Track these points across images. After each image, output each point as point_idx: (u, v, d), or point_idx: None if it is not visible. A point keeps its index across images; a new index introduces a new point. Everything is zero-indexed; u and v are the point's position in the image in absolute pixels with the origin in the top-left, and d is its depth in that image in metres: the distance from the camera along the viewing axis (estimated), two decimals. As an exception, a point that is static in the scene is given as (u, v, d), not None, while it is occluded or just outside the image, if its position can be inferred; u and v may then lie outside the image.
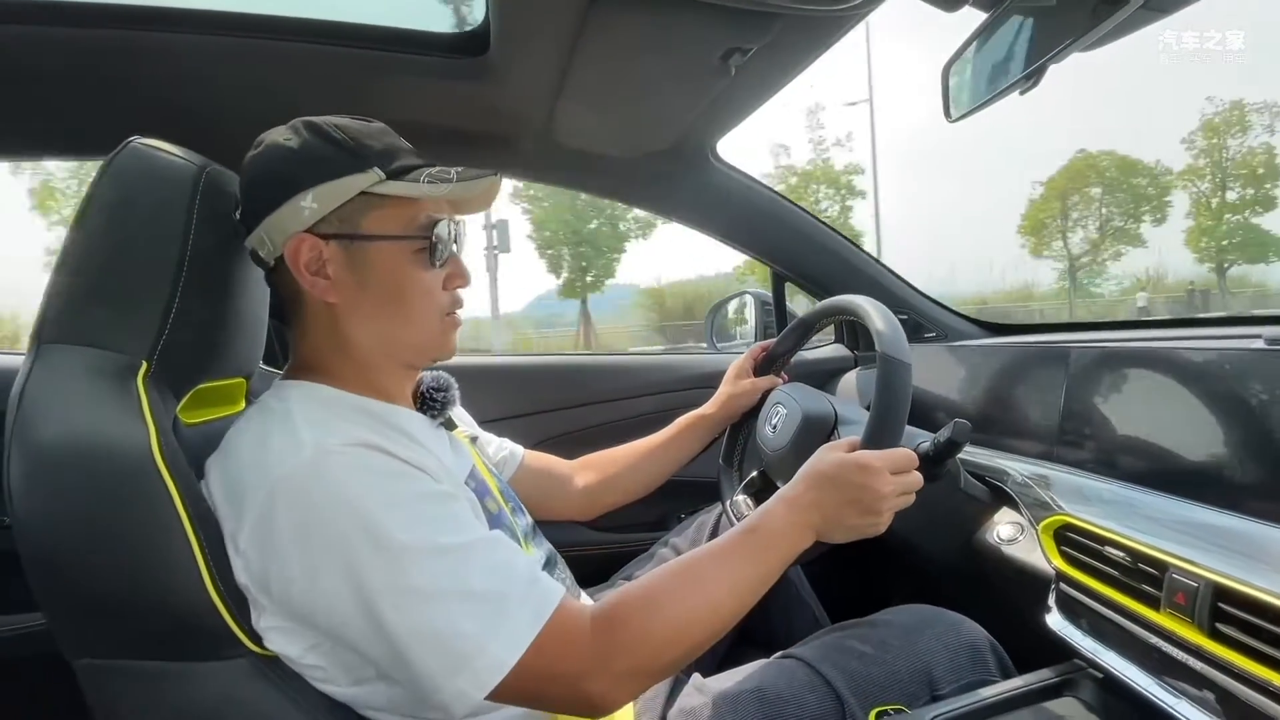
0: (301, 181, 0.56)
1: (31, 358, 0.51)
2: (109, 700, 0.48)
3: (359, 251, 0.58)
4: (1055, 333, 1.16)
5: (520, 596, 0.50)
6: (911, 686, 0.66)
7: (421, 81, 0.91)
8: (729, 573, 0.57)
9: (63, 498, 0.46)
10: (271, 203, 0.56)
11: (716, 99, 0.92)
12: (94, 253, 0.53)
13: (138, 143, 0.56)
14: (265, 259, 0.58)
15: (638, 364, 1.38)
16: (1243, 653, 0.49)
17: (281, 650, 0.51)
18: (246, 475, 0.50)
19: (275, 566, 0.48)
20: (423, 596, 0.47)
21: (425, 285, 0.61)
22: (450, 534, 0.50)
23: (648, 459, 0.94)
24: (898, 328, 0.71)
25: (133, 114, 0.90)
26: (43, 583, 0.46)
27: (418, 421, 0.64)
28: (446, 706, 0.48)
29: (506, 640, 0.48)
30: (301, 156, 0.57)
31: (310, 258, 0.57)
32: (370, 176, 0.57)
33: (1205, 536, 0.57)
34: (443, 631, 0.47)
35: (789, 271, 1.38)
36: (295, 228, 0.56)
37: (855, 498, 0.61)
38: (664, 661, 0.53)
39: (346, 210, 0.57)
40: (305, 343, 0.61)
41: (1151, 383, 0.75)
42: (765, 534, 0.60)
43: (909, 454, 0.65)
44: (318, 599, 0.48)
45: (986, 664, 0.69)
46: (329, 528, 0.47)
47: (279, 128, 0.60)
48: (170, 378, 0.55)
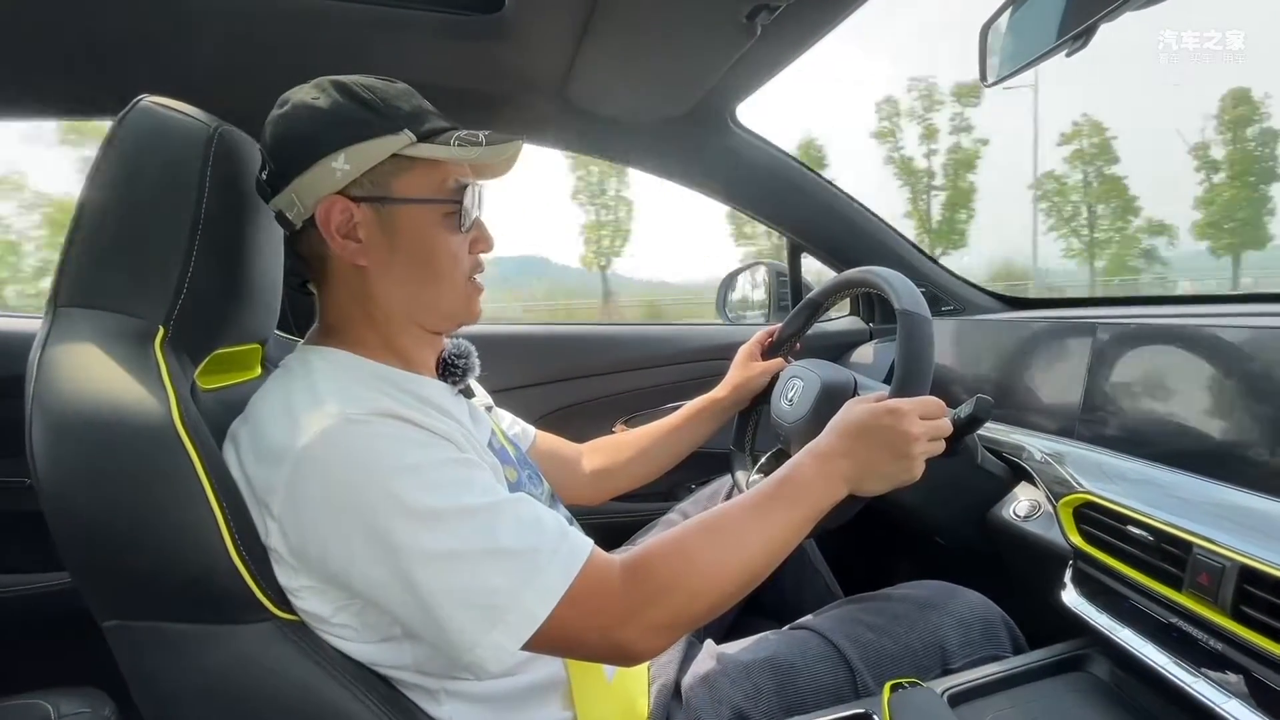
0: (332, 142, 0.54)
1: (49, 321, 0.51)
2: (137, 661, 0.49)
3: (390, 214, 0.57)
4: (1079, 307, 1.14)
5: (551, 549, 0.50)
6: (924, 660, 0.67)
7: (433, 39, 0.88)
8: (759, 524, 0.56)
9: (84, 464, 0.46)
10: (301, 164, 0.55)
11: (740, 60, 0.88)
12: (108, 214, 0.52)
13: (148, 101, 0.54)
14: (292, 221, 0.57)
15: (648, 335, 1.37)
16: (1266, 634, 0.49)
17: (314, 609, 0.51)
18: (272, 444, 0.50)
19: (310, 534, 0.49)
20: (455, 557, 0.48)
21: (453, 249, 0.60)
22: (476, 495, 0.50)
23: (658, 444, 0.93)
24: (913, 287, 0.71)
25: (139, 72, 0.88)
26: (68, 546, 0.47)
27: (439, 389, 0.63)
28: (481, 663, 0.48)
29: (539, 592, 0.48)
30: (331, 117, 0.55)
31: (341, 220, 0.56)
32: (401, 139, 0.55)
33: (1232, 517, 0.57)
34: (476, 589, 0.47)
35: (806, 242, 1.35)
36: (326, 190, 0.55)
37: (887, 441, 0.60)
38: (694, 612, 0.53)
39: (377, 172, 0.56)
40: (330, 307, 0.61)
41: (1179, 359, 0.73)
42: (795, 485, 0.59)
43: (938, 400, 0.64)
44: (352, 567, 0.48)
45: (1000, 639, 0.70)
46: (356, 498, 0.47)
47: (304, 86, 0.58)
48: (187, 343, 0.55)
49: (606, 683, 0.65)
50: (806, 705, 0.64)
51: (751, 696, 0.65)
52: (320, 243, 0.57)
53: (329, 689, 0.50)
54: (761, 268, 1.54)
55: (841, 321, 1.46)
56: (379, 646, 0.54)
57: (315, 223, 0.56)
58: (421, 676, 0.56)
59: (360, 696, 0.51)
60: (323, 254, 0.58)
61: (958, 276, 1.32)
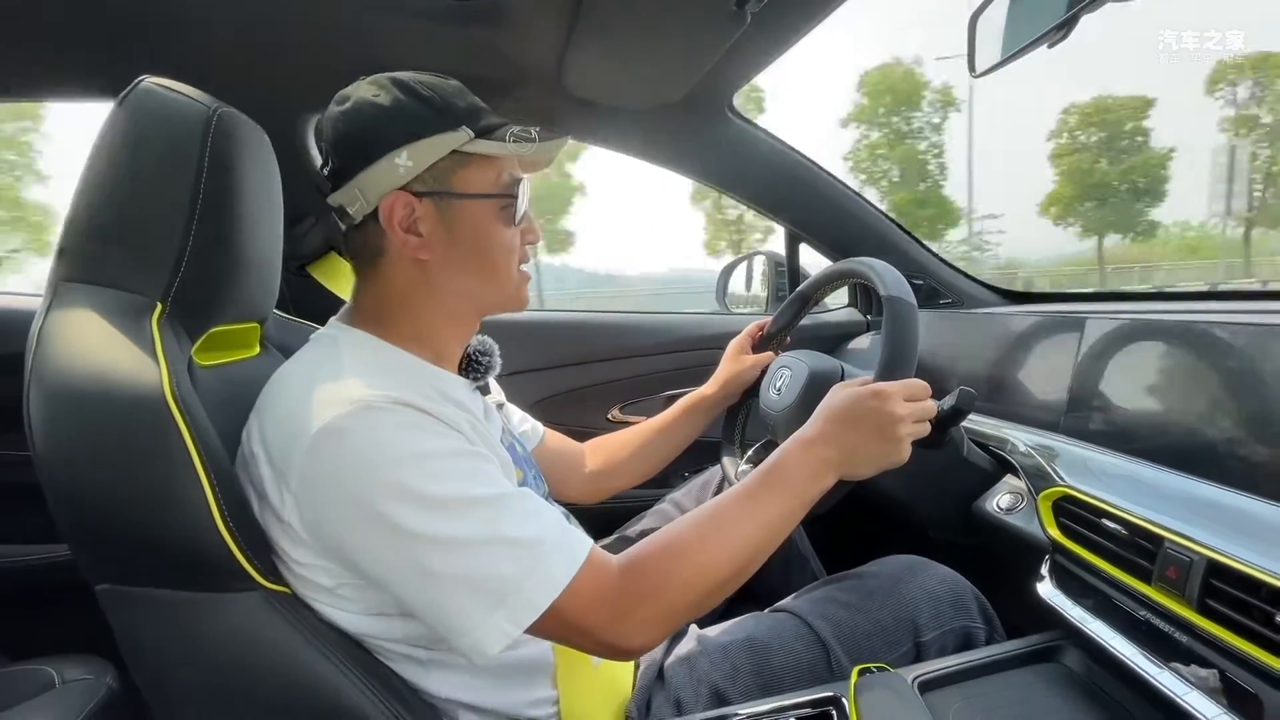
0: (396, 139, 0.56)
1: (50, 296, 0.53)
2: (128, 625, 0.51)
3: (450, 209, 0.59)
4: (1077, 302, 1.13)
5: (555, 542, 0.51)
6: (896, 634, 0.69)
7: (425, 24, 0.88)
8: (749, 517, 0.57)
9: (78, 433, 0.48)
10: (365, 159, 0.56)
11: (733, 48, 0.88)
12: (109, 192, 0.54)
13: (149, 82, 0.56)
14: (353, 215, 0.58)
15: (645, 323, 1.37)
16: (1231, 629, 0.49)
17: (316, 580, 0.53)
18: (293, 419, 0.51)
19: (323, 513, 0.50)
20: (463, 543, 0.49)
21: (507, 241, 0.62)
22: (485, 487, 0.52)
23: (650, 444, 0.94)
24: (899, 275, 0.72)
25: (139, 55, 0.89)
26: (62, 513, 0.49)
27: (459, 384, 0.65)
28: (480, 645, 0.49)
29: (543, 581, 0.49)
30: (394, 114, 0.56)
31: (404, 215, 0.57)
32: (460, 135, 0.57)
33: (1207, 513, 0.57)
34: (482, 574, 0.49)
35: (804, 232, 1.34)
36: (389, 185, 0.57)
37: (873, 424, 0.61)
38: (685, 607, 0.54)
39: (437, 168, 0.58)
40: (369, 294, 0.62)
41: (1165, 355, 0.73)
42: (783, 474, 0.60)
43: (922, 383, 0.65)
44: (362, 548, 0.50)
45: (969, 610, 0.71)
46: (368, 482, 0.49)
47: (362, 83, 0.59)
48: (185, 320, 0.56)
49: (593, 665, 0.66)
50: (783, 683, 0.66)
51: (729, 676, 0.66)
52: (379, 236, 0.59)
53: (314, 660, 0.51)
54: (760, 257, 1.54)
55: (839, 313, 1.46)
56: (373, 619, 0.55)
57: (376, 217, 0.57)
58: (411, 648, 0.57)
59: (345, 669, 0.52)
60: (380, 247, 0.60)
61: (957, 270, 1.32)
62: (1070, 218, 19.47)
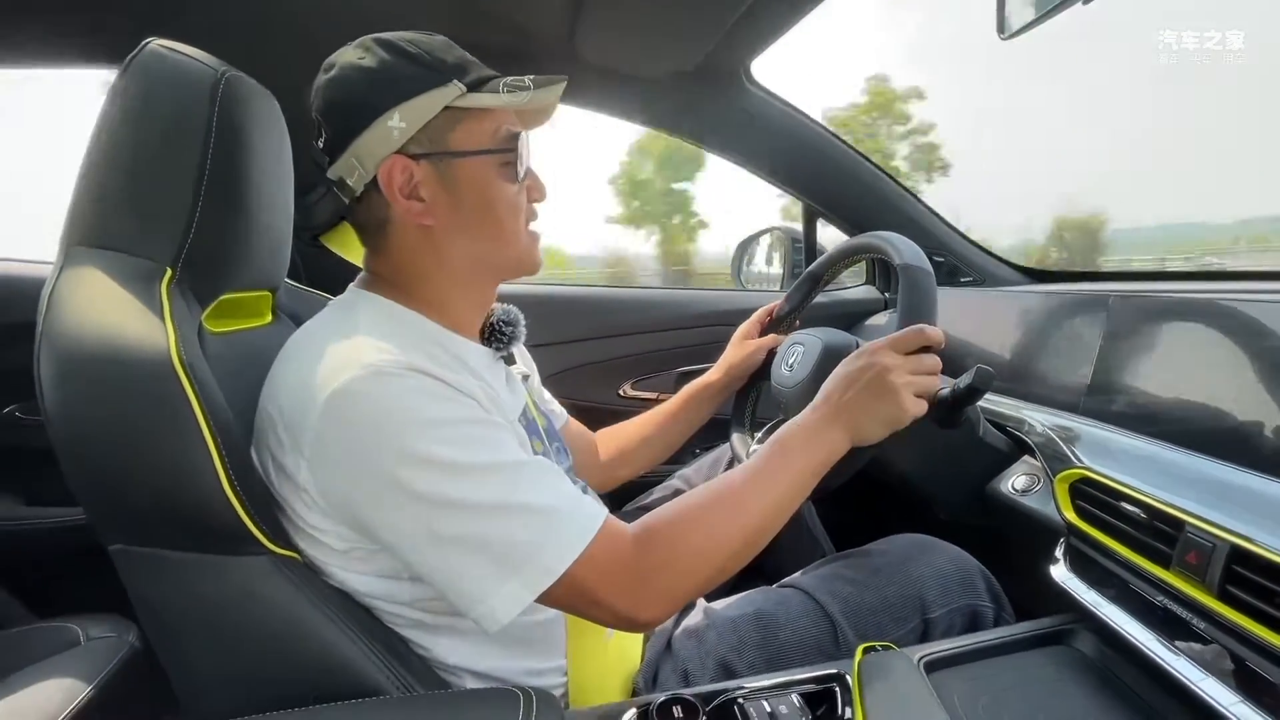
0: (386, 101, 0.54)
1: (61, 260, 0.53)
2: (139, 585, 0.52)
3: (449, 169, 0.57)
4: (1102, 281, 1.10)
5: (570, 511, 0.51)
6: (903, 610, 0.68)
7: None
8: (760, 489, 0.57)
9: (87, 396, 0.48)
10: (358, 126, 0.55)
11: (749, 12, 0.85)
12: (118, 155, 0.53)
13: (156, 44, 0.55)
14: (353, 187, 0.57)
15: (662, 298, 1.36)
16: (1251, 616, 0.48)
17: (329, 543, 0.53)
18: (307, 383, 0.51)
19: (336, 477, 0.50)
20: (475, 509, 0.48)
21: (512, 199, 0.60)
22: (499, 453, 0.51)
23: (659, 432, 0.94)
24: (916, 246, 0.70)
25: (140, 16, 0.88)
26: (74, 474, 0.49)
27: (479, 354, 0.64)
28: (493, 613, 0.49)
29: (557, 548, 0.49)
30: (382, 75, 0.55)
31: (403, 180, 0.56)
32: (451, 90, 0.55)
33: (1231, 497, 0.55)
34: (496, 540, 0.48)
35: (822, 206, 1.31)
36: (385, 150, 0.55)
37: (867, 382, 0.60)
38: (698, 578, 0.54)
39: (431, 128, 0.56)
40: (383, 263, 0.61)
41: (1190, 335, 0.70)
42: (791, 445, 0.60)
43: (917, 331, 0.63)
44: (375, 513, 0.50)
45: (976, 589, 0.70)
46: (380, 447, 0.48)
47: (347, 48, 0.57)
48: (194, 285, 0.56)
49: (604, 636, 0.67)
50: (789, 657, 0.65)
51: (736, 649, 0.66)
52: (383, 207, 0.57)
53: (321, 625, 0.52)
54: (778, 233, 1.51)
55: (856, 290, 1.43)
56: (383, 581, 0.55)
57: (377, 186, 0.56)
58: (420, 613, 0.57)
59: (352, 635, 0.52)
60: (384, 217, 0.58)
61: (980, 247, 1.28)
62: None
